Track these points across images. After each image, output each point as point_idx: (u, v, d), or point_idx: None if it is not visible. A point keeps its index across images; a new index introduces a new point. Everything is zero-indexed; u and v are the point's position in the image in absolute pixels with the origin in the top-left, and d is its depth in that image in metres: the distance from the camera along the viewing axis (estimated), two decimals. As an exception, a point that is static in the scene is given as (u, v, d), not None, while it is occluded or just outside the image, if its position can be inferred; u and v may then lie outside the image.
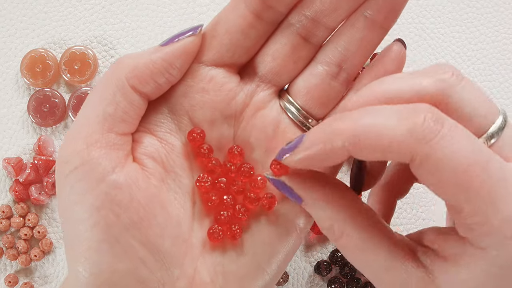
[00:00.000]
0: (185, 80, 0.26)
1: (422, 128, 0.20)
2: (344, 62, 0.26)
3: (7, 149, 0.41)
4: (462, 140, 0.20)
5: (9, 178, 0.41)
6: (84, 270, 0.23)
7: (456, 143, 0.20)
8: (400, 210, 0.42)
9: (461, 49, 0.45)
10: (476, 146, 0.20)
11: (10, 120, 0.42)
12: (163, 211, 0.25)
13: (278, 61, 0.27)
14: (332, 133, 0.21)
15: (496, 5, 0.45)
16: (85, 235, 0.23)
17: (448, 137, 0.20)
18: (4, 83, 0.42)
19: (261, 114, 0.27)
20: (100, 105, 0.25)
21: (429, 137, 0.19)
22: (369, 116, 0.21)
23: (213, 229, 0.26)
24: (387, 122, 0.20)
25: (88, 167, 0.24)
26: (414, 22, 0.45)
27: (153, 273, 0.24)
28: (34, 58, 0.41)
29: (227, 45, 0.26)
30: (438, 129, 0.20)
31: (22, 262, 0.39)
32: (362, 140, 0.20)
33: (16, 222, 0.40)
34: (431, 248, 0.23)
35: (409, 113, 0.20)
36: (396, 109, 0.20)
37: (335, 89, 0.27)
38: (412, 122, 0.20)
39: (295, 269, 0.41)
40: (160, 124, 0.26)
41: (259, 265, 0.26)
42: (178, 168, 0.26)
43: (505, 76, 0.45)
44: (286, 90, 0.28)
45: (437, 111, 0.20)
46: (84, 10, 0.43)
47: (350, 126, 0.21)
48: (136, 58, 0.25)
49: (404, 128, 0.20)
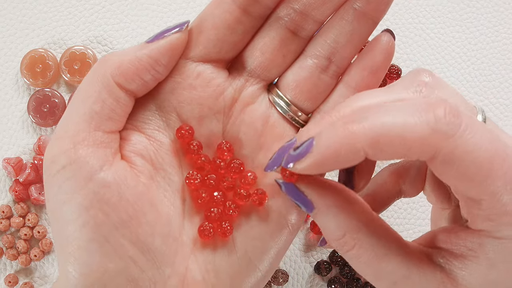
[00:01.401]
0: (173, 76, 0.26)
1: (445, 122, 0.19)
2: (334, 55, 0.26)
3: (7, 149, 0.41)
4: (481, 131, 0.20)
5: (9, 178, 0.41)
6: (74, 270, 0.23)
7: (477, 135, 0.20)
8: (400, 210, 0.42)
9: (461, 49, 0.45)
10: (494, 136, 0.20)
11: (10, 120, 0.42)
12: (153, 209, 0.25)
13: (266, 55, 0.26)
14: (348, 136, 0.20)
15: (496, 5, 0.45)
16: (75, 235, 0.23)
17: (468, 130, 0.19)
18: (4, 83, 0.42)
19: (250, 109, 0.27)
20: (86, 103, 0.24)
21: (452, 132, 0.19)
22: (387, 115, 0.20)
23: (203, 227, 0.26)
24: (408, 120, 0.19)
25: (75, 166, 0.23)
26: (414, 22, 0.45)
27: (144, 272, 0.24)
28: (34, 58, 0.41)
29: (214, 41, 0.26)
30: (459, 123, 0.19)
31: (22, 262, 0.39)
32: (383, 142, 0.20)
33: (16, 222, 0.40)
34: (445, 249, 0.23)
35: (428, 108, 0.20)
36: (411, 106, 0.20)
37: (324, 82, 0.27)
38: (433, 118, 0.19)
39: (295, 269, 0.41)
40: (148, 121, 0.26)
41: (250, 262, 0.26)
42: (167, 165, 0.26)
43: (505, 76, 0.45)
44: (275, 84, 0.27)
45: (452, 105, 0.20)
46: (84, 10, 0.43)
47: (369, 128, 0.20)
48: (121, 55, 0.25)
49: (425, 125, 0.19)
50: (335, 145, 0.20)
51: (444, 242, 0.23)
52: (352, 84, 0.27)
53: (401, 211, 0.42)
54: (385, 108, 0.20)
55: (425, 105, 0.20)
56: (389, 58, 0.26)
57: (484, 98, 0.44)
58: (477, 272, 0.22)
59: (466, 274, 0.22)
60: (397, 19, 0.44)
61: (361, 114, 0.20)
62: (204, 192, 0.26)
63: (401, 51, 0.44)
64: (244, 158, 0.27)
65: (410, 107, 0.20)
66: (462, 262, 0.22)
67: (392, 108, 0.20)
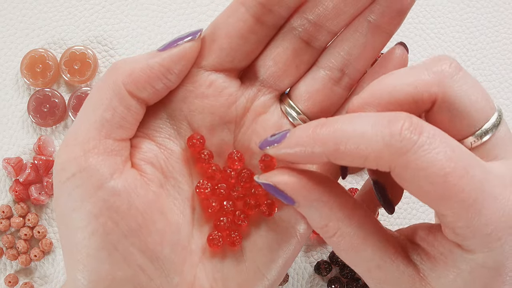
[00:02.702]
0: (185, 85, 0.26)
1: (399, 139, 0.20)
2: (347, 67, 0.26)
3: (7, 149, 0.41)
4: (440, 148, 0.20)
5: (9, 178, 0.41)
6: (83, 278, 0.23)
7: (434, 152, 0.19)
8: (400, 210, 0.42)
9: (461, 49, 0.45)
10: (456, 153, 0.20)
11: (10, 120, 0.42)
12: (162, 217, 0.25)
13: (279, 65, 0.26)
14: (313, 138, 0.21)
15: (496, 5, 0.45)
16: (84, 243, 0.23)
17: (425, 146, 0.19)
18: (4, 83, 0.42)
19: (262, 119, 0.27)
20: (97, 111, 0.24)
21: (405, 149, 0.19)
22: (351, 123, 0.21)
23: (212, 236, 0.26)
24: (366, 132, 0.20)
25: (85, 174, 0.23)
26: (414, 22, 0.45)
27: (152, 280, 0.24)
28: (34, 58, 0.41)
29: (227, 50, 0.25)
30: (415, 140, 0.19)
31: (22, 262, 0.39)
32: (341, 149, 0.20)
33: (16, 222, 0.40)
34: (421, 247, 0.23)
35: (386, 122, 0.20)
36: (374, 118, 0.20)
37: (337, 94, 0.27)
38: (388, 133, 0.20)
39: (295, 269, 0.41)
40: (159, 129, 0.26)
41: (258, 271, 0.26)
42: (178, 174, 0.26)
43: (505, 76, 0.45)
44: (287, 94, 0.27)
45: (416, 119, 0.20)
46: (84, 10, 0.43)
47: (330, 133, 0.21)
48: (133, 63, 0.25)
49: (380, 139, 0.20)
50: (302, 143, 0.22)
51: (422, 240, 0.23)
52: None
53: (401, 211, 0.42)
54: (353, 117, 0.21)
55: (387, 119, 0.20)
56: None
57: (484, 98, 0.44)
58: (445, 278, 0.22)
59: (435, 277, 0.22)
60: (397, 19, 0.44)
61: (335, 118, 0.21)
62: (214, 201, 0.26)
63: (401, 51, 0.44)
64: (254, 168, 0.27)
65: (373, 118, 0.20)
66: (433, 264, 0.22)
67: (358, 117, 0.21)
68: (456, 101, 0.22)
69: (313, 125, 0.22)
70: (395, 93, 0.22)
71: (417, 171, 0.20)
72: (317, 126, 0.21)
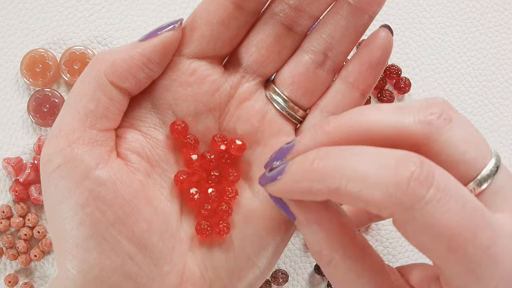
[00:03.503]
0: (167, 74, 0.26)
1: (405, 192, 0.18)
2: (330, 50, 0.26)
3: (7, 149, 0.41)
4: (449, 205, 0.18)
5: (9, 178, 0.41)
6: (72, 268, 0.23)
7: (442, 210, 0.18)
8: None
9: (461, 49, 0.45)
10: (466, 212, 0.18)
11: (10, 120, 0.42)
12: (149, 206, 0.25)
13: (262, 52, 0.26)
14: (310, 174, 0.20)
15: (496, 5, 0.45)
16: (72, 233, 0.23)
17: (433, 202, 0.18)
18: (4, 83, 0.42)
19: (246, 105, 0.27)
20: (80, 102, 0.24)
21: (411, 204, 0.18)
22: (350, 160, 0.19)
23: (200, 225, 0.26)
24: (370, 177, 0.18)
25: (71, 165, 0.23)
26: (414, 22, 0.45)
27: (141, 268, 0.24)
28: (34, 58, 0.41)
29: (208, 37, 0.26)
30: (423, 195, 0.18)
31: (22, 262, 0.39)
32: (341, 190, 0.19)
33: (16, 222, 0.40)
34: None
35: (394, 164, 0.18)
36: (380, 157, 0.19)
37: (321, 77, 0.27)
38: (394, 182, 0.18)
39: (295, 269, 0.41)
40: (144, 119, 0.26)
41: (248, 259, 0.26)
42: (164, 162, 0.26)
43: (505, 76, 0.45)
44: (272, 80, 0.27)
45: (427, 165, 0.18)
46: (84, 10, 0.43)
47: (329, 169, 0.19)
48: (114, 53, 0.25)
49: (384, 188, 0.18)
50: (301, 179, 0.20)
51: (417, 284, 0.22)
52: (349, 79, 0.27)
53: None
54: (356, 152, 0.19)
55: (394, 160, 0.18)
56: (387, 53, 0.26)
57: (484, 98, 0.44)
58: None
59: None
60: (397, 19, 0.44)
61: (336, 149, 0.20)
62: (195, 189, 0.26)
63: (401, 51, 0.44)
64: None
65: (379, 158, 0.19)
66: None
67: (362, 153, 0.19)
68: (443, 153, 0.20)
69: (311, 158, 0.20)
70: (373, 131, 0.20)
71: (420, 228, 0.18)
72: (315, 160, 0.20)
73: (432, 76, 0.44)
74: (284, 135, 0.27)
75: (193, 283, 0.26)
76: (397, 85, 0.43)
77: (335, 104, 0.27)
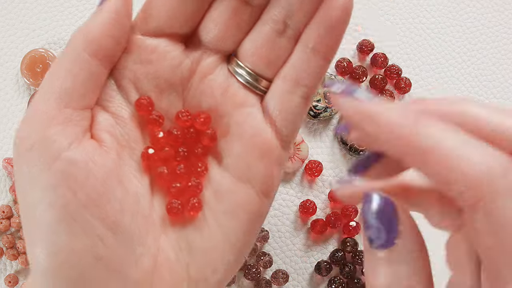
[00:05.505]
0: (127, 52, 0.26)
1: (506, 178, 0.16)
2: (289, 18, 0.26)
3: (7, 149, 0.41)
4: None
5: (9, 178, 0.41)
6: (41, 252, 0.23)
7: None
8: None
9: (461, 49, 0.45)
10: None
11: (10, 120, 0.42)
12: (121, 186, 0.24)
13: (220, 27, 0.26)
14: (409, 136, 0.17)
15: (496, 5, 0.45)
16: (41, 216, 0.23)
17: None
18: (4, 83, 0.42)
19: (208, 80, 0.27)
20: (56, 81, 0.24)
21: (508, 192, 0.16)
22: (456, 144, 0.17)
23: (171, 204, 0.26)
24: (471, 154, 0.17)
25: (43, 145, 0.23)
26: (414, 22, 0.45)
27: (113, 250, 0.24)
28: (34, 58, 0.41)
29: (165, 15, 0.26)
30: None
31: (22, 262, 0.39)
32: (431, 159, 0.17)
33: (16, 222, 0.40)
34: None
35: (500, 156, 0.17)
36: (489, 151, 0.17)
37: (282, 46, 0.26)
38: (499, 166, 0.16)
39: (295, 269, 0.41)
40: (111, 99, 0.26)
41: (224, 236, 0.26)
42: (133, 142, 0.26)
43: (505, 76, 0.45)
44: (234, 54, 0.27)
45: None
46: (84, 10, 0.43)
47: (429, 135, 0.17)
48: (85, 26, 0.25)
49: (485, 168, 0.16)
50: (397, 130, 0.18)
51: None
52: (309, 44, 0.26)
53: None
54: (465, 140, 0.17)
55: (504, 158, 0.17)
56: (346, 14, 0.25)
57: (484, 98, 0.44)
58: None
59: None
60: (397, 19, 0.44)
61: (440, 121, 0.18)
62: (162, 167, 0.26)
63: (401, 51, 0.44)
64: None
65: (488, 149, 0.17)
66: None
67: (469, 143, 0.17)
68: None
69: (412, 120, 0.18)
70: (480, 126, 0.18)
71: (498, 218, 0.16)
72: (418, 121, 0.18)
73: (433, 76, 0.44)
74: (249, 107, 0.27)
75: (169, 268, 0.25)
76: (398, 85, 0.43)
77: (297, 71, 0.26)
